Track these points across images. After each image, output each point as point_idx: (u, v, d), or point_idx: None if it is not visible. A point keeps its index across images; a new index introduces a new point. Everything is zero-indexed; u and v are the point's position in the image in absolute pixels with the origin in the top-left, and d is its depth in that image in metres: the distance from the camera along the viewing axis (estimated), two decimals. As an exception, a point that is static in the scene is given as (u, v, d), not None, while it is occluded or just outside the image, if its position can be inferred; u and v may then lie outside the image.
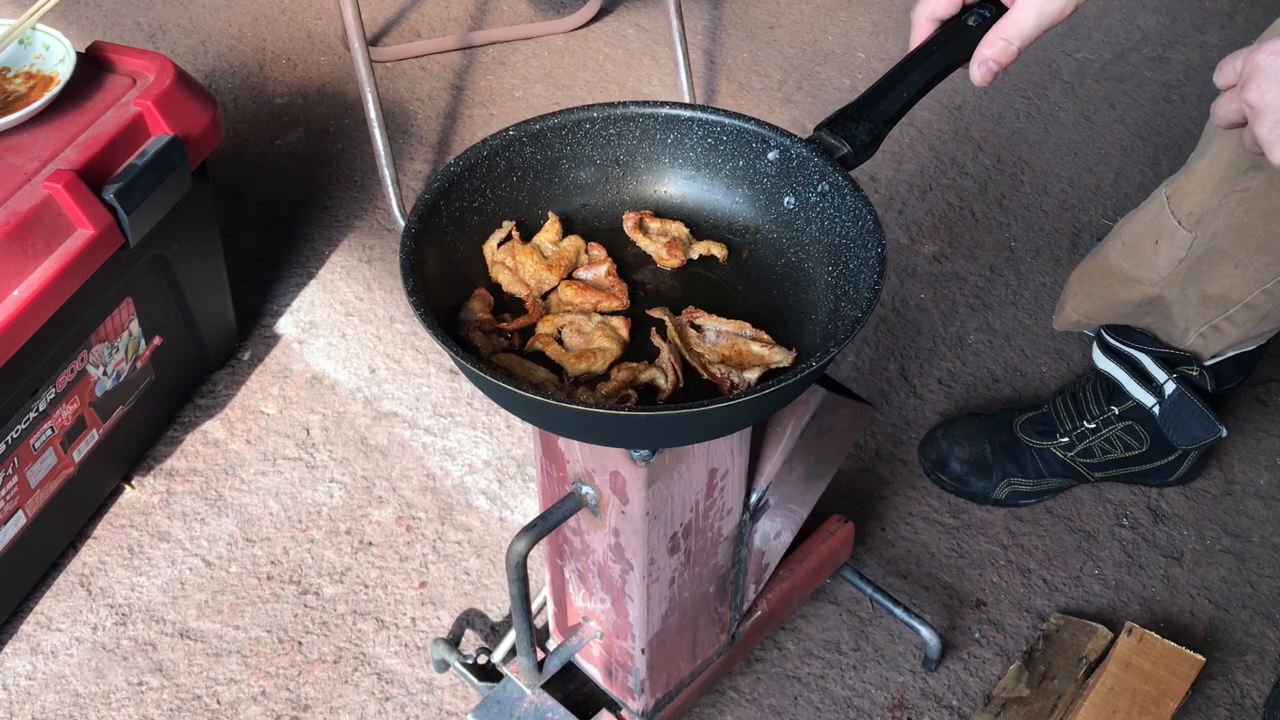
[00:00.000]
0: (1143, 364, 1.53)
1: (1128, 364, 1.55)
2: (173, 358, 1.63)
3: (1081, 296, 1.56)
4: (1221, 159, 1.34)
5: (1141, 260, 1.45)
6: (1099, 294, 1.53)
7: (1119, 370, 1.55)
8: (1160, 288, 1.45)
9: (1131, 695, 1.36)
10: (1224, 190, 1.34)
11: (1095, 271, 1.53)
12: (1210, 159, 1.35)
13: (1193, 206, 1.38)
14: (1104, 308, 1.53)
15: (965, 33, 1.12)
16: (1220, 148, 1.34)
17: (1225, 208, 1.35)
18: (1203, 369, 1.49)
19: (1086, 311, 1.56)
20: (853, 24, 2.53)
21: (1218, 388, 1.51)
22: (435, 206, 1.05)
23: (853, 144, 1.08)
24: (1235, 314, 1.42)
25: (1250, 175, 1.32)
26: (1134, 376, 1.54)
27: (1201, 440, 1.52)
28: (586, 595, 1.25)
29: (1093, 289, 1.54)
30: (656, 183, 1.16)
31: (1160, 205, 1.42)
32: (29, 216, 1.29)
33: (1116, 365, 1.55)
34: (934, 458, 1.66)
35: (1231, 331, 1.45)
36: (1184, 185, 1.39)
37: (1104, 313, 1.54)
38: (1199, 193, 1.37)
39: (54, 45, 1.44)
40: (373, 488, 1.65)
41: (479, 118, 2.25)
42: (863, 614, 1.52)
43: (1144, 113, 2.32)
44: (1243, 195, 1.33)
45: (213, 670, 1.45)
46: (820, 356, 0.95)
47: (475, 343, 1.01)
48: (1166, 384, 1.51)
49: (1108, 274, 1.51)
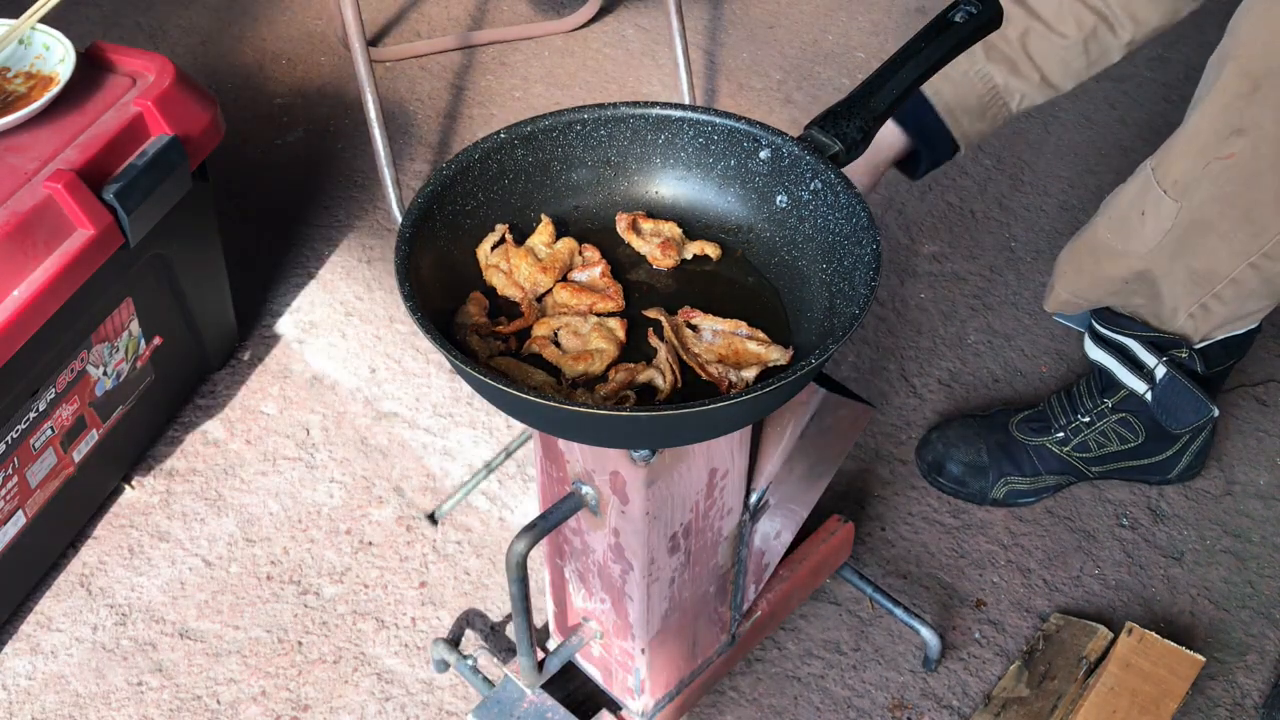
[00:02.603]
0: (1133, 350, 1.53)
1: (1119, 352, 1.55)
2: (173, 358, 1.63)
3: (1071, 274, 1.55)
4: (1205, 125, 1.34)
5: (1129, 233, 1.45)
6: (1088, 270, 1.52)
7: (1110, 359, 1.55)
8: (1148, 261, 1.44)
9: (1131, 695, 1.36)
10: (1207, 156, 1.34)
11: (1084, 248, 1.53)
12: (1193, 125, 1.36)
13: (1178, 174, 1.38)
14: (1093, 284, 1.53)
15: (952, 29, 1.12)
16: (1203, 113, 1.34)
17: (1209, 175, 1.34)
18: (1192, 351, 1.49)
19: (1076, 290, 1.55)
20: (852, 24, 2.53)
21: (1208, 370, 1.51)
22: (428, 211, 1.05)
23: (844, 141, 1.08)
24: (1223, 290, 1.42)
25: (1233, 140, 1.31)
26: (1125, 364, 1.54)
27: (1194, 422, 1.52)
28: (586, 595, 1.25)
29: (1081, 265, 1.53)
30: (649, 183, 1.16)
31: (1146, 177, 1.42)
32: (29, 216, 1.29)
33: (1108, 354, 1.56)
34: (930, 460, 1.66)
35: (1220, 310, 1.44)
36: (1168, 154, 1.39)
37: (1093, 290, 1.53)
38: (1183, 159, 1.37)
39: (54, 45, 1.44)
40: (373, 488, 1.65)
41: (479, 118, 2.25)
42: (863, 614, 1.52)
43: (1144, 113, 2.32)
44: (1225, 162, 1.33)
45: (213, 670, 1.45)
46: (819, 354, 0.95)
47: (472, 346, 1.02)
48: (1157, 368, 1.51)
49: (1096, 249, 1.51)
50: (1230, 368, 1.55)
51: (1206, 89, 1.35)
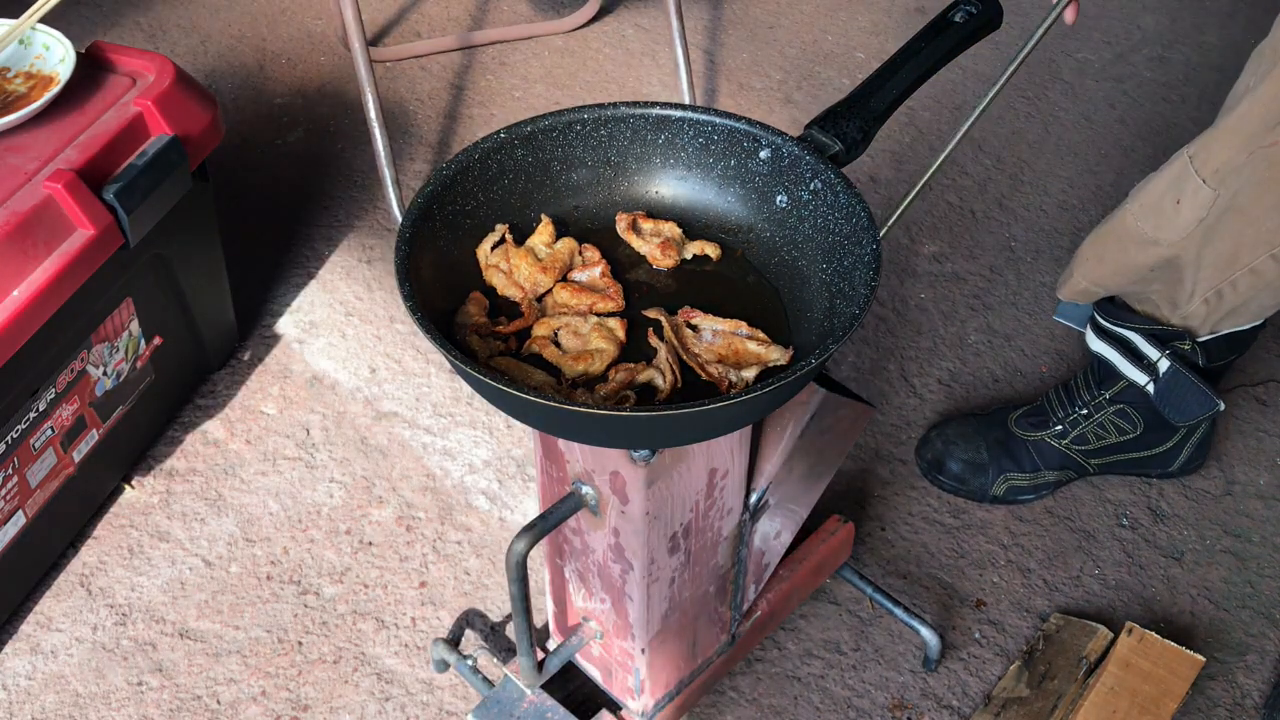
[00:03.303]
0: (1134, 343, 1.53)
1: (1120, 344, 1.55)
2: (173, 358, 1.63)
3: (1093, 262, 1.54)
4: (1254, 113, 1.33)
5: (1161, 220, 1.44)
6: (1112, 258, 1.52)
7: (1111, 350, 1.55)
8: (1178, 248, 1.44)
9: (1131, 695, 1.36)
10: (1252, 145, 1.33)
11: (1110, 235, 1.52)
12: (1240, 114, 1.35)
13: (1219, 163, 1.37)
14: (1116, 272, 1.52)
15: (952, 29, 1.12)
16: (1252, 103, 1.33)
17: (1251, 164, 1.34)
18: (1195, 344, 1.49)
19: (1097, 278, 1.54)
20: (852, 24, 2.53)
21: (1209, 364, 1.51)
22: (428, 211, 1.05)
23: (844, 141, 1.08)
24: (1239, 279, 1.42)
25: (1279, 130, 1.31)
26: (1126, 356, 1.54)
27: (1199, 415, 1.52)
28: (586, 595, 1.25)
29: (1105, 253, 1.52)
30: (649, 183, 1.16)
31: (1183, 165, 1.41)
32: (29, 216, 1.29)
33: (1109, 346, 1.56)
34: (930, 458, 1.66)
35: (1232, 298, 1.44)
36: (1210, 142, 1.39)
37: (1115, 279, 1.53)
38: (1227, 148, 1.36)
39: (54, 45, 1.44)
40: (373, 488, 1.65)
41: (479, 118, 2.25)
42: (863, 614, 1.52)
43: (1144, 113, 2.32)
44: (1269, 150, 1.32)
45: (213, 670, 1.45)
46: (819, 354, 0.95)
47: (472, 346, 1.02)
48: (1160, 361, 1.51)
49: (1123, 237, 1.50)
50: (1231, 363, 1.55)
51: (1258, 79, 1.34)
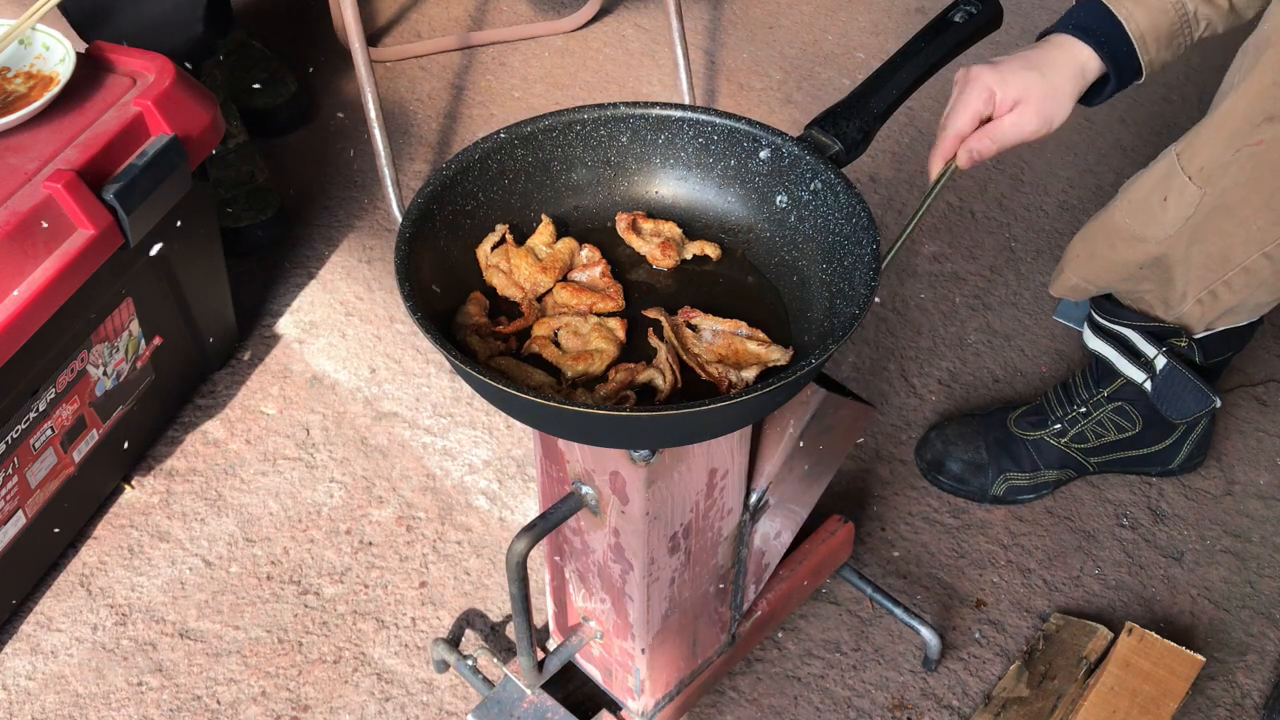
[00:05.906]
0: (1132, 341, 1.53)
1: (1117, 342, 1.55)
2: (173, 358, 1.63)
3: (1083, 259, 1.54)
4: (1237, 111, 1.33)
5: (1149, 218, 1.44)
6: (1101, 255, 1.52)
7: (1109, 348, 1.55)
8: (1166, 246, 1.44)
9: (1131, 695, 1.36)
10: (1237, 143, 1.33)
11: (1099, 233, 1.52)
12: (1224, 111, 1.35)
13: (1204, 161, 1.37)
14: (1105, 270, 1.52)
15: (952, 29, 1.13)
16: (1236, 99, 1.33)
17: (1236, 162, 1.34)
18: (1192, 341, 1.49)
19: (1087, 275, 1.55)
20: (852, 24, 2.53)
21: (1206, 360, 1.51)
22: (428, 211, 1.05)
23: (844, 141, 1.09)
24: (1233, 278, 1.42)
25: (1264, 128, 1.31)
26: (1124, 354, 1.54)
27: (1196, 412, 1.52)
28: (586, 595, 1.25)
29: (1095, 250, 1.52)
30: (649, 183, 1.16)
31: (1170, 163, 1.41)
32: (29, 216, 1.29)
33: (1106, 344, 1.56)
34: (930, 458, 1.66)
35: (1228, 298, 1.44)
36: (1196, 140, 1.39)
37: (1105, 275, 1.53)
38: (1211, 146, 1.36)
39: (54, 45, 1.44)
40: (373, 488, 1.65)
41: (479, 118, 2.25)
42: (863, 614, 1.52)
43: (1144, 113, 2.32)
44: (1254, 149, 1.32)
45: (213, 670, 1.45)
46: (819, 354, 0.95)
47: (472, 346, 1.02)
48: (1157, 359, 1.51)
49: (1112, 234, 1.50)
50: (1229, 359, 1.55)
51: (1241, 75, 1.34)
